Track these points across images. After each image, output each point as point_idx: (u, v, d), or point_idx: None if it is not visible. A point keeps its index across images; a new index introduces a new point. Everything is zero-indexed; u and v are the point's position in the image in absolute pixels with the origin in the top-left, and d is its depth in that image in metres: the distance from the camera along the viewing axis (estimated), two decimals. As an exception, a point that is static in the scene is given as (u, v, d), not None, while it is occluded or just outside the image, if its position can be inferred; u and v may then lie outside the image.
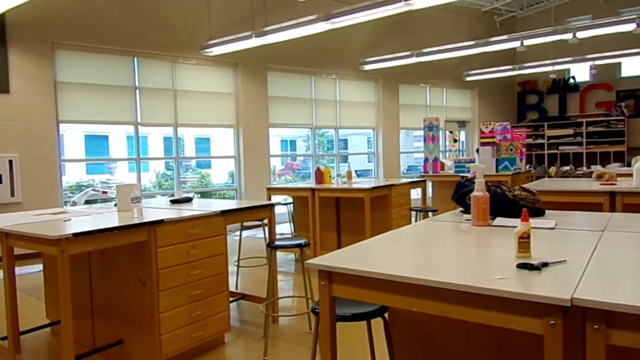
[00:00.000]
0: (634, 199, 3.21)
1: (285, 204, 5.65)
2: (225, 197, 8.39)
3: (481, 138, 6.71)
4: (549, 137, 11.60)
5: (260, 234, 6.48)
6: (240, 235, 4.50)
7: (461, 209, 2.35)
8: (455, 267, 1.39)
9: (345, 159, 9.80)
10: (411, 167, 11.27)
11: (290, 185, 6.31)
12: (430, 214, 5.42)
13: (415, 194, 5.99)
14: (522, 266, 1.28)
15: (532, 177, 7.10)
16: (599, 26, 7.35)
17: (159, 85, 6.75)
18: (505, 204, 2.13)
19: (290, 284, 4.51)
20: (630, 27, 6.95)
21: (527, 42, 7.80)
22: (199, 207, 3.05)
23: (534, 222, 1.94)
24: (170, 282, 2.55)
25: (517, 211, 1.63)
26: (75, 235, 2.16)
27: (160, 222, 2.50)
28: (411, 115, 10.02)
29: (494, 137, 6.52)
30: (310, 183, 5.49)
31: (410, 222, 5.12)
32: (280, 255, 5.48)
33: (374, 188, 4.72)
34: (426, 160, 7.05)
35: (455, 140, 8.87)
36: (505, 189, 2.21)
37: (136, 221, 2.45)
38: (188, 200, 3.36)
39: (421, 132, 7.40)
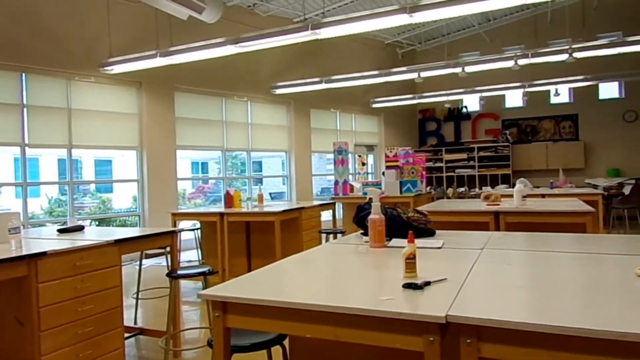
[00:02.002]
0: (514, 217, 3.58)
1: (192, 230, 5.44)
2: (127, 224, 7.86)
3: (386, 162, 7.08)
4: (447, 161, 12.58)
5: (164, 262, 6.14)
6: (140, 264, 4.23)
7: (361, 231, 2.43)
8: (348, 290, 1.43)
9: (259, 181, 9.73)
10: (324, 189, 11.49)
11: (198, 209, 6.10)
12: (339, 235, 5.55)
13: (328, 215, 6.11)
14: (407, 286, 1.35)
15: (433, 198, 7.60)
16: (484, 62, 8.21)
17: (51, 103, 6.21)
18: (400, 225, 2.24)
19: (197, 314, 4.31)
20: (510, 64, 7.86)
21: (423, 74, 8.46)
22: (91, 236, 2.82)
23: (424, 242, 2.08)
24: (54, 321, 2.31)
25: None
26: None
27: (43, 254, 2.27)
28: (322, 139, 10.29)
29: (397, 160, 6.90)
30: (220, 207, 5.35)
31: (320, 244, 5.18)
32: (187, 284, 5.23)
33: (284, 211, 4.73)
34: (336, 182, 7.24)
35: (363, 164, 9.24)
36: (400, 211, 2.34)
37: (13, 254, 2.20)
38: (79, 229, 3.10)
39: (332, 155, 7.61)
